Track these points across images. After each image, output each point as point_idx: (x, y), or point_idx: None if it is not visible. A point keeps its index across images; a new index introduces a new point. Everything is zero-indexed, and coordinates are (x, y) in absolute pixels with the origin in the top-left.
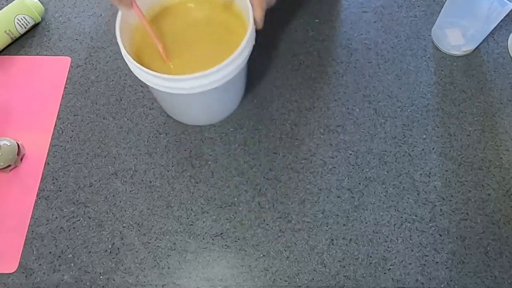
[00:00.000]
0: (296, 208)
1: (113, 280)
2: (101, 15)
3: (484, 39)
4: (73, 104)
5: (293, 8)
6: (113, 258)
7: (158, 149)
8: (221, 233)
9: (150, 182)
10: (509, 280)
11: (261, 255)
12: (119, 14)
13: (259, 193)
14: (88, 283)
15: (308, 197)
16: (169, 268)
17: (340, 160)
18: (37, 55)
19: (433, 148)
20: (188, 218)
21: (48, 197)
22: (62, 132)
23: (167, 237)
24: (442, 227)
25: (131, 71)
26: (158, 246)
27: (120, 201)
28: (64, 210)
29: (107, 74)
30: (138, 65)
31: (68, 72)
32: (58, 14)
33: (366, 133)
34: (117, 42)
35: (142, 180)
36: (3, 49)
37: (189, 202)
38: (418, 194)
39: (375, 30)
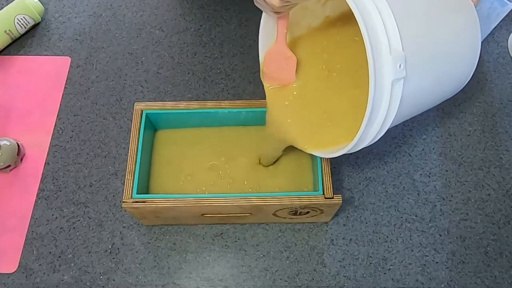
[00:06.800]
0: None
1: (113, 280)
2: (101, 15)
3: (484, 39)
4: (73, 104)
5: None
6: (113, 258)
7: None
8: (221, 233)
9: None
10: (509, 280)
11: (261, 255)
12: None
13: None
14: (88, 283)
15: None
16: (169, 268)
17: (341, 160)
18: (37, 55)
19: (433, 148)
20: None
21: (48, 197)
22: (62, 132)
23: (167, 237)
24: (442, 227)
25: (131, 71)
26: (158, 246)
27: (120, 201)
28: (64, 210)
29: (107, 74)
30: None
31: (68, 72)
32: (58, 14)
33: None
34: (117, 43)
35: None
36: (3, 49)
37: None
38: (418, 194)
39: None
